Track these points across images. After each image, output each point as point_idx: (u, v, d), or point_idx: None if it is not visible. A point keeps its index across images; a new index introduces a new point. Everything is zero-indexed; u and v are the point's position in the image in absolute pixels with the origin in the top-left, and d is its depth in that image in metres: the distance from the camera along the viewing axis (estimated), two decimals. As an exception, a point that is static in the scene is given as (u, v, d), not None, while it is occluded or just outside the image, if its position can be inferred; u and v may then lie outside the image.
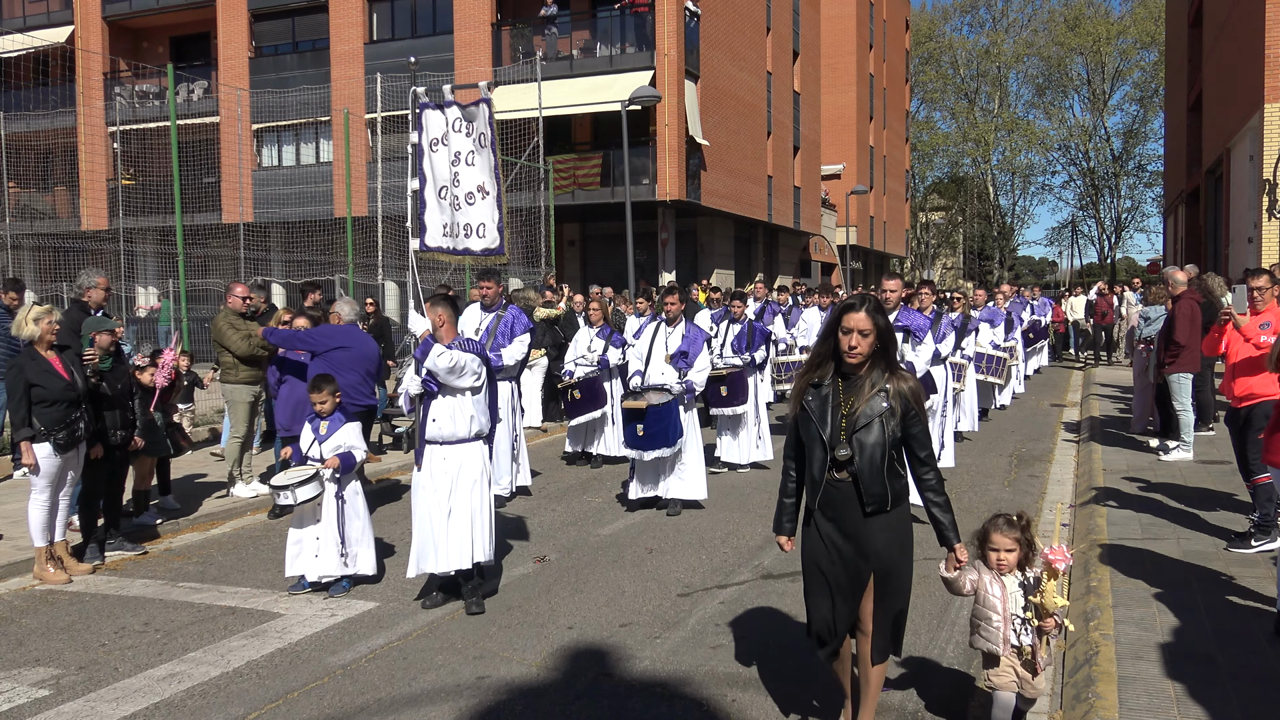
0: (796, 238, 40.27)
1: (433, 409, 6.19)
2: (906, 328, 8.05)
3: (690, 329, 8.91)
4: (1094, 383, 18.49)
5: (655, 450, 8.54)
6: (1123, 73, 62.85)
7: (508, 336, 9.27)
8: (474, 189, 6.79)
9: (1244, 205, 20.53)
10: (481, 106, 6.73)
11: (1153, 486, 9.13)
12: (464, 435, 6.20)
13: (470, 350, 6.17)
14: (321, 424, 6.95)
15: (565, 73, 26.99)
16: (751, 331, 11.03)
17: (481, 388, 6.25)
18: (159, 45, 33.61)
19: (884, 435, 4.02)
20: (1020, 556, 4.39)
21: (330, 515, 6.75)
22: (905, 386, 4.09)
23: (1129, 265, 69.98)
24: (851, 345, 4.02)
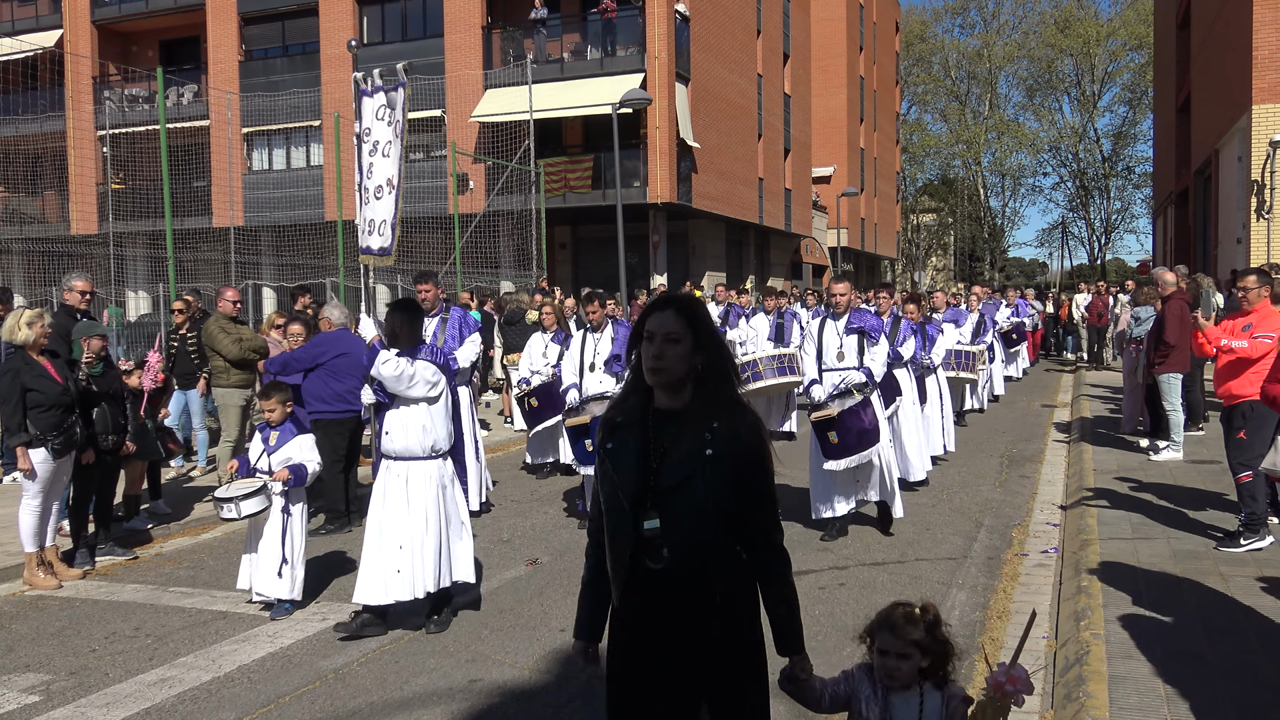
0: (788, 240, 40.33)
1: (387, 420, 5.85)
2: (861, 329, 7.93)
3: (619, 331, 8.72)
4: (1084, 383, 18.55)
5: None
6: (1112, 74, 63.14)
7: (457, 339, 8.92)
8: (383, 182, 6.36)
9: (1232, 206, 20.63)
10: (400, 91, 6.30)
11: (1143, 486, 9.16)
12: (418, 450, 5.81)
13: (425, 358, 5.83)
14: (271, 434, 6.59)
15: (556, 75, 27.01)
16: None
17: (439, 398, 5.87)
18: (148, 49, 33.53)
19: (707, 496, 2.74)
20: (917, 667, 2.91)
21: (274, 530, 6.37)
22: (743, 425, 2.81)
23: (1119, 266, 70.19)
24: (655, 357, 2.77)
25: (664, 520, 2.75)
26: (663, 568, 2.76)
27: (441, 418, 5.90)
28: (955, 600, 6.33)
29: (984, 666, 5.19)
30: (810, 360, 8.14)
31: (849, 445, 7.54)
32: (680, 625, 2.79)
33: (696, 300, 2.93)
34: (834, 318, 8.09)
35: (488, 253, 24.52)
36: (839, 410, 7.53)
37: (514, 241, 25.66)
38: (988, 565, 7.15)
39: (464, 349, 8.86)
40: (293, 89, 28.99)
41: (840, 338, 7.96)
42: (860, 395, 7.61)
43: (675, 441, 2.78)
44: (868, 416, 7.60)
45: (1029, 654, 5.37)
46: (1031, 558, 7.35)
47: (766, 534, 2.88)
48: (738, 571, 2.85)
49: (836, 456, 7.58)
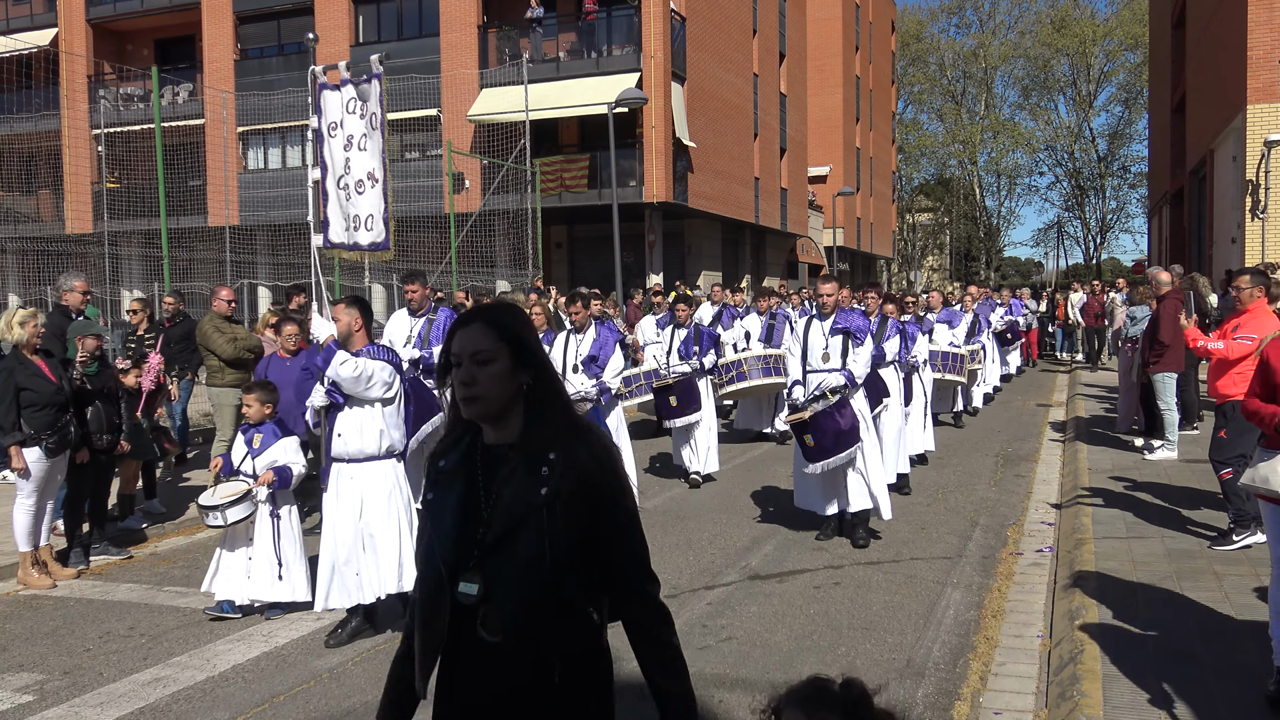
0: (784, 239, 40.34)
1: (339, 422, 5.68)
2: (846, 329, 7.76)
3: (600, 332, 8.58)
4: (1080, 382, 18.58)
5: None
6: (1108, 74, 63.21)
7: (441, 341, 8.91)
8: (364, 176, 6.15)
9: (1227, 206, 20.66)
10: (373, 84, 6.12)
11: (1138, 485, 9.18)
12: (373, 452, 5.67)
13: (382, 358, 5.69)
14: (255, 435, 6.45)
15: (552, 75, 26.99)
16: (699, 336, 10.61)
17: (395, 399, 5.74)
18: (143, 48, 33.47)
19: (543, 547, 2.18)
20: None
21: (265, 535, 6.29)
22: (587, 454, 2.26)
23: (1114, 266, 70.31)
24: (464, 384, 2.23)
25: (491, 583, 2.18)
26: (492, 641, 2.19)
27: (396, 418, 5.77)
28: (950, 599, 6.34)
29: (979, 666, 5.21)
30: (795, 361, 7.99)
31: (826, 448, 7.42)
32: (509, 708, 2.20)
33: (511, 309, 2.37)
34: (820, 318, 7.96)
35: (484, 252, 24.50)
36: (811, 413, 7.41)
37: (510, 241, 25.64)
38: (983, 564, 7.17)
39: None
40: (288, 88, 28.91)
41: (826, 338, 7.83)
42: (835, 397, 7.46)
43: (504, 485, 2.24)
44: (845, 418, 7.46)
45: (1023, 652, 5.40)
46: (1026, 557, 7.36)
47: (632, 586, 2.34)
48: (586, 642, 2.28)
49: (814, 459, 7.48)
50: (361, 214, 6.20)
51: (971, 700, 4.79)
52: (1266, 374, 4.55)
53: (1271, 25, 18.41)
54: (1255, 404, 4.55)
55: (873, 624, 5.89)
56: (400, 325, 8.76)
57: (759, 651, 5.49)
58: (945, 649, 5.48)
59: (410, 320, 8.76)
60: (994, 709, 4.71)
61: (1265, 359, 4.59)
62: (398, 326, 8.76)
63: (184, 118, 29.77)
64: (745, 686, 5.01)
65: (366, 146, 6.13)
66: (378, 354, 5.71)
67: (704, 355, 10.49)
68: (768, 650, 5.51)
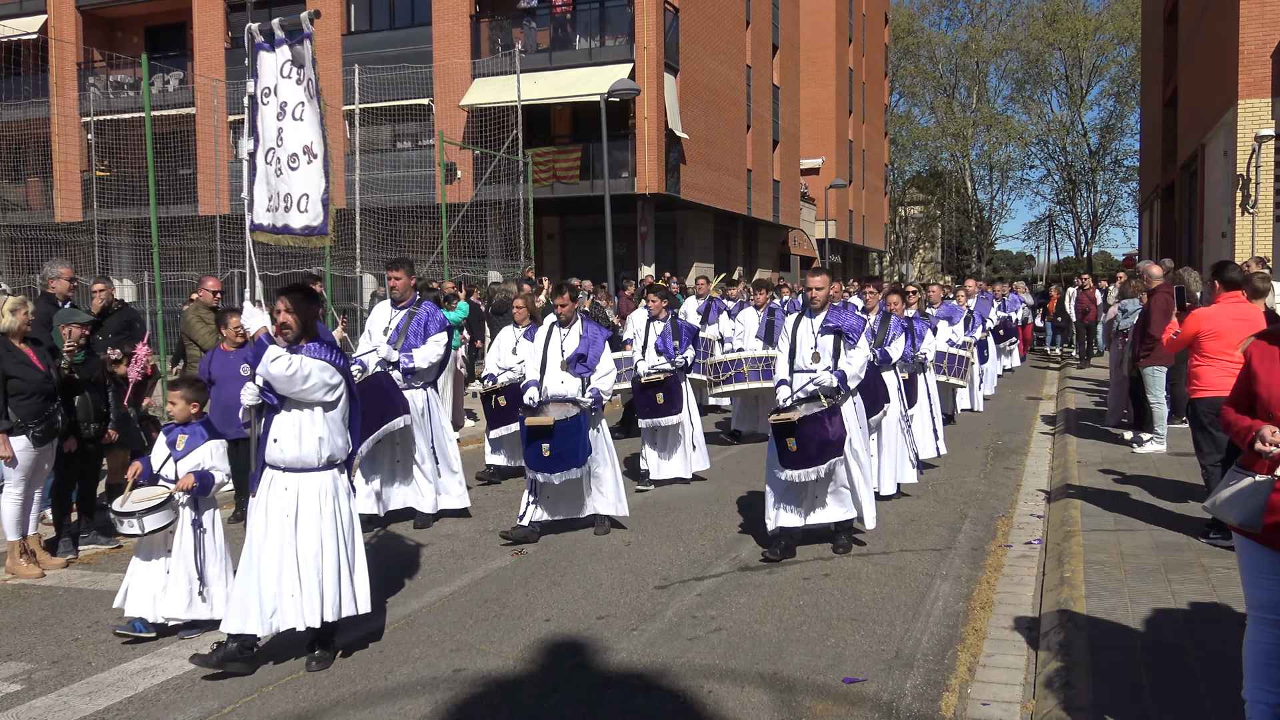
0: (776, 231, 40.34)
1: (274, 426, 5.12)
2: (838, 329, 7.13)
3: (589, 328, 7.98)
4: (1070, 376, 18.64)
5: (564, 471, 7.57)
6: (1100, 68, 63.30)
7: (421, 336, 8.12)
8: (299, 150, 5.35)
9: (1218, 200, 20.72)
10: (305, 44, 5.43)
11: (1126, 478, 9.22)
12: (312, 461, 5.12)
13: (322, 356, 5.08)
14: (180, 436, 5.86)
15: (544, 65, 26.91)
16: (677, 330, 10.00)
17: (338, 403, 5.16)
18: (134, 35, 33.26)
19: None
20: None
21: (186, 547, 5.72)
22: None
23: (1105, 260, 70.52)
24: None
25: None
26: None
27: (340, 425, 5.22)
28: (939, 591, 6.36)
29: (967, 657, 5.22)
30: (782, 359, 7.39)
31: (809, 455, 6.85)
32: None
33: None
34: (810, 314, 7.31)
35: (475, 243, 24.46)
36: (800, 416, 6.84)
37: (502, 231, 25.59)
38: (972, 556, 7.19)
39: (424, 348, 8.10)
40: (279, 77, 28.77)
41: (815, 337, 7.20)
42: (828, 402, 6.94)
43: None
44: (833, 426, 6.90)
45: (1011, 644, 5.41)
46: (1015, 549, 7.39)
47: None
48: None
49: (794, 466, 6.88)
50: (294, 193, 5.40)
51: (960, 691, 4.81)
52: (1248, 379, 3.92)
53: (1264, 20, 18.46)
54: (1231, 414, 3.96)
55: (862, 615, 5.91)
56: (380, 316, 8.31)
57: (748, 642, 5.50)
58: (934, 640, 5.49)
59: (391, 311, 8.29)
60: (982, 700, 4.73)
61: (1247, 361, 3.98)
62: (379, 317, 8.32)
63: (174, 106, 29.61)
64: (734, 677, 5.02)
65: (303, 116, 5.36)
66: (319, 352, 5.10)
67: (683, 351, 9.92)
68: (757, 641, 5.52)
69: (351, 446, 5.36)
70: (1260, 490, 3.60)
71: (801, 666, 5.14)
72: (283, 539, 5.10)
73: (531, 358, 8.11)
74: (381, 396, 7.78)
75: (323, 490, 5.18)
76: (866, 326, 7.60)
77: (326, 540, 5.16)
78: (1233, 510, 3.67)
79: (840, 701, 4.72)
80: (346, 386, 5.24)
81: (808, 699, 4.75)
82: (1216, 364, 7.07)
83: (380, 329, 8.20)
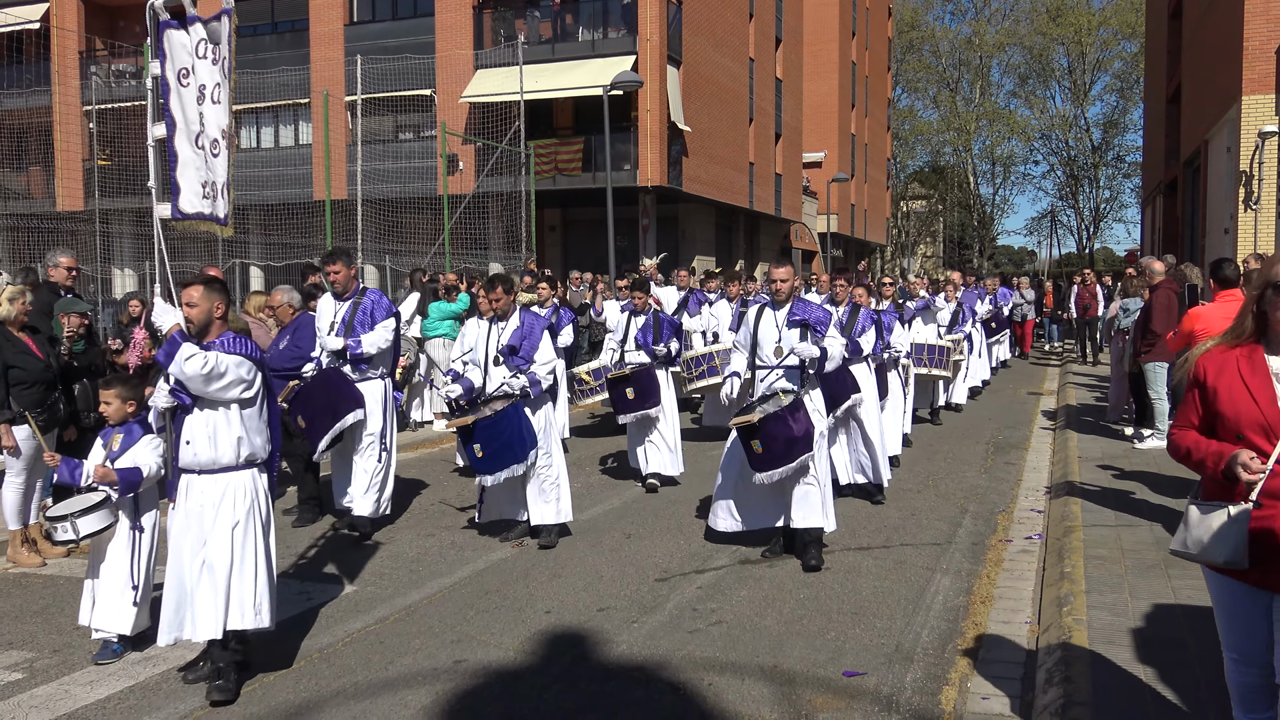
0: (778, 225, 40.31)
1: (187, 427, 4.83)
2: (805, 321, 6.91)
3: (525, 318, 7.60)
4: (1071, 371, 18.63)
5: (503, 470, 7.12)
6: (1103, 63, 63.14)
7: (368, 326, 7.82)
8: (218, 134, 5.09)
9: (1221, 196, 20.69)
10: (224, 20, 5.20)
11: (1127, 474, 9.22)
12: (229, 462, 4.82)
13: (237, 350, 4.80)
14: (115, 437, 5.48)
15: (547, 57, 26.87)
16: (658, 324, 9.70)
17: (255, 400, 4.90)
18: (136, 24, 33.14)
19: None
20: None
21: (121, 553, 5.35)
22: None
23: (1107, 255, 70.44)
24: None
25: None
26: None
27: (258, 422, 4.95)
28: (939, 585, 6.37)
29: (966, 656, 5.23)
30: (739, 355, 7.18)
31: (776, 455, 6.55)
32: None
33: None
34: (774, 307, 7.06)
35: (477, 234, 24.43)
36: (760, 417, 6.55)
37: (503, 223, 25.57)
38: (972, 551, 7.19)
39: (370, 334, 7.77)
40: (281, 66, 28.77)
41: (780, 330, 6.97)
42: (788, 399, 6.69)
43: None
44: (799, 422, 6.57)
45: (1011, 639, 5.42)
46: (1015, 544, 7.39)
47: None
48: None
49: (762, 468, 6.61)
50: (218, 180, 5.17)
51: (959, 685, 4.82)
52: (1204, 399, 3.42)
53: (1268, 16, 18.41)
54: (1188, 439, 3.43)
55: (862, 609, 5.92)
56: (325, 311, 8.00)
57: (749, 635, 5.50)
58: (934, 634, 5.50)
59: (335, 304, 7.96)
60: (982, 694, 4.73)
61: (1198, 379, 3.42)
62: (324, 313, 7.99)
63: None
64: (735, 670, 5.03)
65: (220, 99, 5.08)
66: (235, 346, 4.82)
67: (665, 342, 9.57)
68: (757, 634, 5.52)
69: (272, 445, 5.06)
70: (1238, 521, 3.19)
71: (801, 660, 5.15)
72: (201, 545, 4.81)
73: (475, 357, 7.74)
74: (332, 391, 7.49)
75: (239, 493, 4.87)
76: (834, 318, 7.48)
77: (238, 548, 4.85)
78: (1218, 549, 3.23)
79: (840, 695, 4.73)
80: (263, 381, 4.96)
81: (808, 692, 4.76)
82: None
83: (326, 324, 7.91)
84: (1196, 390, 3.43)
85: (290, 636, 5.61)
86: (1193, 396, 3.45)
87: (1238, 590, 3.33)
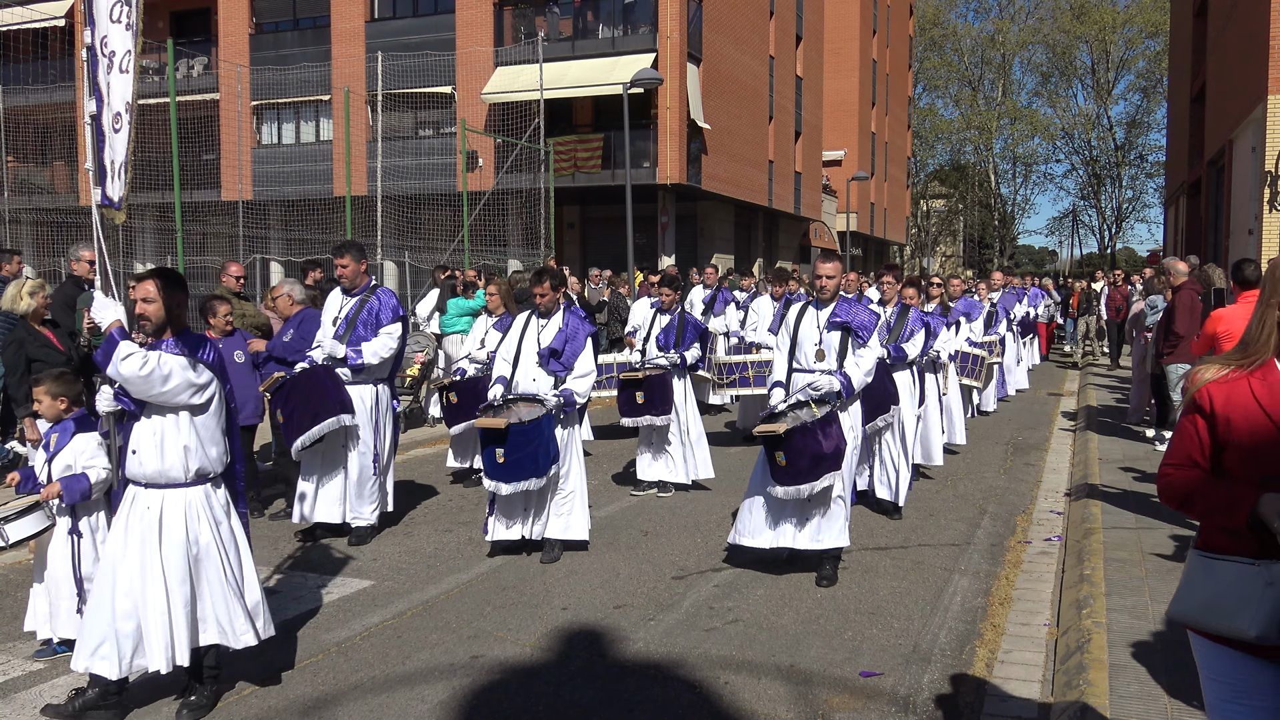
0: (797, 223, 40.22)
1: (134, 435, 4.42)
2: (846, 324, 6.38)
3: (570, 320, 7.04)
4: (1092, 373, 18.51)
5: (519, 482, 6.59)
6: (1127, 62, 62.68)
7: (372, 327, 7.33)
8: (122, 108, 4.54)
9: (1245, 197, 20.50)
10: None
11: (1148, 476, 9.14)
12: (177, 476, 4.39)
13: (187, 352, 4.34)
14: (52, 436, 5.20)
15: (567, 54, 26.90)
16: (682, 326, 9.05)
17: (208, 406, 4.42)
18: (159, 20, 33.41)
19: None
20: None
21: (62, 559, 5.06)
22: None
23: (1129, 255, 69.92)
24: None
25: None
26: None
27: (213, 432, 4.47)
28: (957, 586, 6.34)
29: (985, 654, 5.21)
30: (780, 358, 6.64)
31: (800, 470, 6.04)
32: None
33: None
34: (817, 306, 6.56)
35: (496, 231, 24.49)
36: (787, 429, 6.03)
37: (522, 220, 25.62)
38: (991, 552, 7.16)
39: (372, 343, 7.30)
40: (303, 63, 28.90)
41: (820, 332, 6.45)
42: (821, 410, 6.15)
43: None
44: (829, 438, 6.06)
45: (1029, 640, 5.39)
46: (1035, 545, 7.35)
47: None
48: None
49: (784, 482, 6.11)
50: (117, 159, 4.62)
51: (977, 687, 4.79)
52: (1214, 432, 2.75)
53: (1295, 15, 18.20)
54: (1192, 479, 2.77)
55: (879, 609, 5.90)
56: (331, 305, 7.59)
57: (765, 634, 5.49)
58: (952, 636, 5.48)
59: (341, 299, 7.54)
60: (1000, 696, 4.71)
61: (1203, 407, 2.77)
62: (330, 306, 7.60)
63: (198, 91, 29.76)
64: (751, 669, 5.02)
65: (128, 68, 4.52)
66: (185, 347, 4.36)
67: (686, 348, 8.96)
68: (774, 633, 5.51)
69: (229, 457, 4.60)
70: (1276, 584, 2.53)
71: (818, 659, 5.13)
72: (144, 566, 4.36)
73: (504, 351, 7.22)
74: (318, 391, 7.03)
75: (191, 509, 4.43)
76: (881, 322, 7.07)
77: (203, 563, 4.45)
78: (1244, 619, 2.55)
79: (857, 695, 4.71)
80: (220, 386, 4.51)
81: (824, 691, 4.75)
82: None
83: (330, 319, 7.50)
84: (1200, 421, 2.77)
85: (307, 631, 5.64)
86: (1194, 429, 2.78)
87: (1253, 666, 2.66)
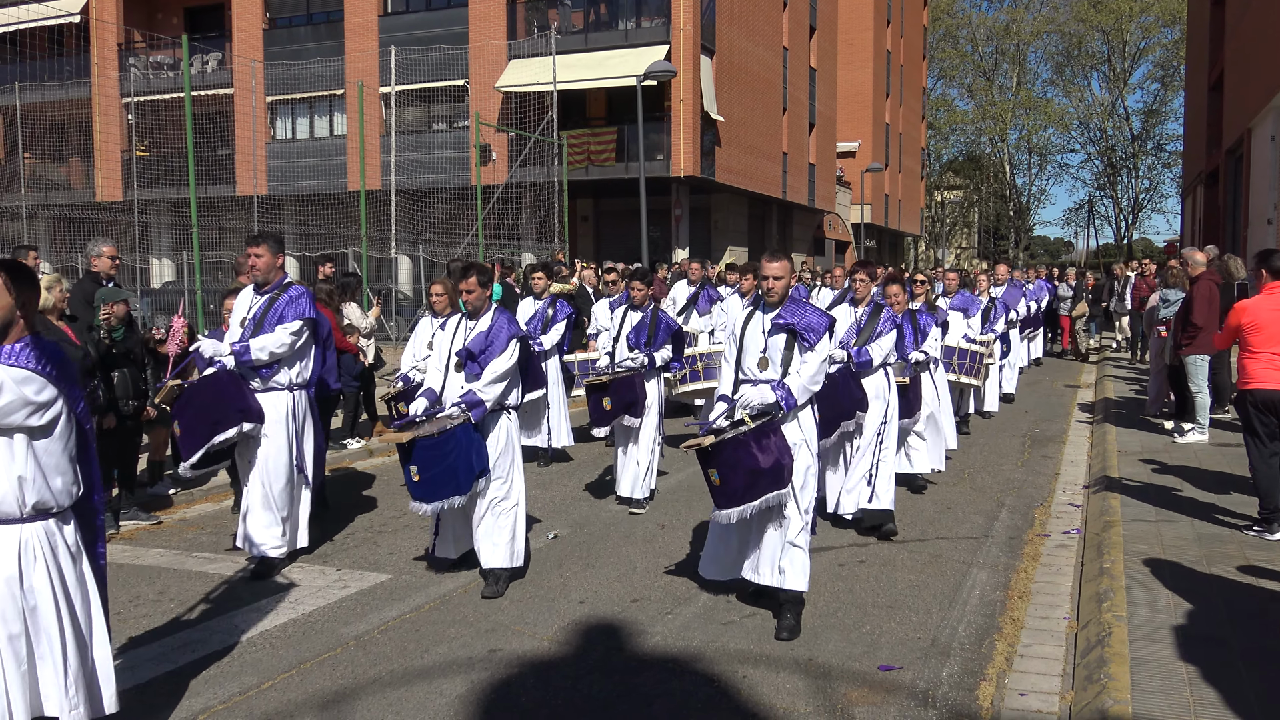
0: (811, 215, 40.09)
1: None
2: (790, 327, 5.53)
3: (497, 321, 6.27)
4: (1110, 364, 18.41)
5: (439, 500, 5.97)
6: (1144, 51, 62.21)
7: (273, 324, 6.66)
8: None
9: (1264, 186, 20.31)
10: None
11: (1167, 469, 9.09)
12: (10, 510, 3.56)
13: (26, 364, 3.54)
14: None
15: (580, 47, 26.86)
16: (655, 325, 8.26)
17: (53, 428, 3.61)
18: (173, 16, 33.52)
19: None
20: None
21: None
22: None
23: (1146, 246, 69.50)
24: None
25: None
26: None
27: (59, 458, 3.65)
28: (976, 579, 6.31)
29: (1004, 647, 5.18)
30: (728, 368, 5.78)
31: (735, 490, 5.26)
32: None
33: None
34: (764, 309, 5.68)
35: (509, 224, 24.53)
36: (714, 443, 5.28)
37: (536, 213, 25.64)
38: (1009, 545, 7.12)
39: (262, 337, 6.63)
40: (317, 57, 28.94)
41: (764, 338, 5.61)
42: (753, 424, 5.31)
43: None
44: (766, 453, 5.23)
45: (1049, 634, 5.36)
46: (1053, 538, 7.31)
47: None
48: None
49: (722, 504, 5.35)
50: None
51: (997, 681, 4.77)
52: None
53: (1315, 2, 18.02)
54: None
55: (897, 603, 5.88)
56: (241, 303, 6.96)
57: (783, 628, 5.47)
58: (971, 629, 5.45)
59: (251, 298, 6.87)
60: (1019, 690, 4.69)
61: None
62: (239, 306, 6.98)
63: (213, 86, 29.87)
64: (769, 663, 5.01)
65: None
66: (22, 357, 3.56)
67: (657, 349, 8.20)
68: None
69: (80, 488, 3.79)
70: None
71: (836, 653, 5.12)
72: None
73: (435, 359, 6.46)
74: (219, 398, 6.47)
75: (27, 550, 3.63)
76: (851, 324, 6.78)
77: (40, 618, 3.64)
78: None
79: (876, 689, 4.70)
80: (68, 405, 3.69)
81: (843, 685, 4.73)
82: (1260, 358, 6.91)
83: (238, 319, 6.85)
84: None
85: (325, 624, 5.66)
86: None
87: None
